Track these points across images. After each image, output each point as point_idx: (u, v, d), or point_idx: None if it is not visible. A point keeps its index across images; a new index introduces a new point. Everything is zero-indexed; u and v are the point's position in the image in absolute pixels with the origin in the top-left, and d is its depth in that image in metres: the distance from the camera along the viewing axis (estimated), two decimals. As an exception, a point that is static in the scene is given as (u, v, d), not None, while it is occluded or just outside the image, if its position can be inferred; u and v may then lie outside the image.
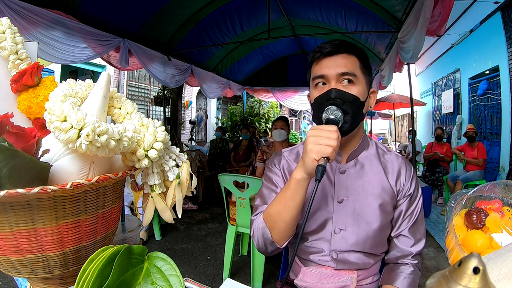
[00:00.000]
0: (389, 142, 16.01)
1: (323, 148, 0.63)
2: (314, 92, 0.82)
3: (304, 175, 0.69)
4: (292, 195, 0.72)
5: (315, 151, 0.64)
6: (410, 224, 0.86)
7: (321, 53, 0.80)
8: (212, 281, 2.37)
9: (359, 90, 0.78)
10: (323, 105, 0.76)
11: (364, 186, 0.85)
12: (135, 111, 0.60)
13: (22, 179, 0.42)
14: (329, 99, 0.76)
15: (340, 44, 0.80)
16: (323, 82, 0.80)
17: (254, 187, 2.15)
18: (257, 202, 0.90)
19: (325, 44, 0.81)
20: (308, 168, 0.66)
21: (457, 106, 6.57)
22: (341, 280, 0.83)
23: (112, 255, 0.43)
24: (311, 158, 0.64)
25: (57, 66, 5.74)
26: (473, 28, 5.50)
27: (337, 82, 0.78)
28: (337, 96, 0.76)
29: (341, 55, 0.79)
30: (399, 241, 0.87)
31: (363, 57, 0.82)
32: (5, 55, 0.58)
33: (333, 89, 0.77)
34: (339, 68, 0.78)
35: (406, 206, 0.86)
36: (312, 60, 0.84)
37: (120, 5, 3.04)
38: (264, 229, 0.79)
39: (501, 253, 0.42)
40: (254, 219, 0.85)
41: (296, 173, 0.70)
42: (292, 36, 4.98)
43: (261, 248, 0.82)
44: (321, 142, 0.64)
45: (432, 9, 2.13)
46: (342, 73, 0.78)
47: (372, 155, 0.89)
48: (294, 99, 7.09)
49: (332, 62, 0.79)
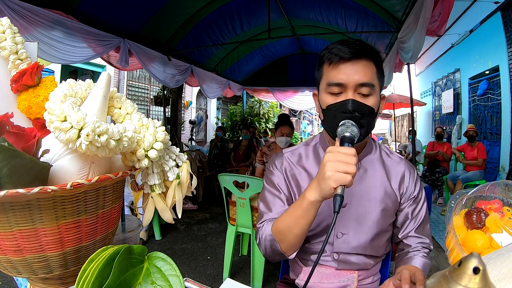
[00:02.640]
0: (389, 142, 16.01)
1: (342, 177, 0.61)
2: (326, 97, 0.77)
3: (319, 199, 0.67)
4: (304, 214, 0.70)
5: (333, 180, 0.61)
6: (416, 225, 0.87)
7: (339, 56, 0.74)
8: (212, 281, 2.37)
9: (375, 101, 0.75)
10: (338, 116, 0.73)
11: (367, 191, 0.84)
12: (135, 111, 0.60)
13: (22, 179, 0.42)
14: (346, 111, 0.72)
15: (361, 48, 0.74)
16: (339, 90, 0.75)
17: (254, 187, 2.15)
18: (262, 208, 0.89)
19: (343, 47, 0.74)
20: (324, 194, 0.64)
21: (457, 106, 6.57)
22: (342, 280, 0.83)
23: (112, 255, 0.43)
24: (329, 186, 0.62)
25: (57, 66, 5.74)
26: (473, 28, 5.50)
27: (354, 92, 0.73)
28: (355, 109, 0.72)
29: (361, 62, 0.74)
30: (407, 241, 0.88)
31: (379, 62, 0.78)
32: (5, 55, 0.58)
33: (350, 100, 0.72)
34: (358, 77, 0.72)
35: (411, 208, 0.87)
36: (328, 62, 0.77)
37: (120, 5, 3.03)
38: (273, 241, 0.78)
39: (501, 253, 0.42)
40: (260, 228, 0.84)
41: (310, 195, 0.68)
42: (292, 36, 4.97)
43: (269, 256, 0.82)
44: (340, 169, 0.61)
45: (432, 9, 2.13)
46: (361, 84, 0.73)
47: (376, 158, 0.89)
48: (294, 99, 7.09)
49: (350, 69, 0.73)
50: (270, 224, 0.81)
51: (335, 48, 0.75)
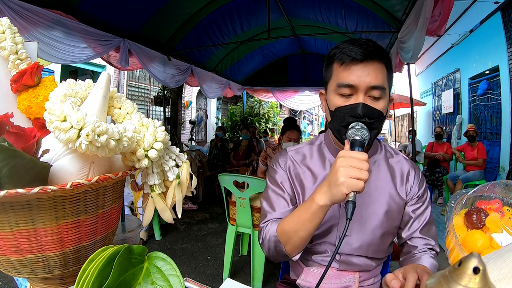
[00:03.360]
0: (389, 142, 16.00)
1: (354, 183, 0.60)
2: (336, 99, 0.75)
3: (328, 203, 0.66)
4: (312, 218, 0.70)
5: (346, 186, 0.60)
6: (421, 226, 0.84)
7: (351, 57, 0.72)
8: (212, 281, 2.37)
9: (384, 105, 0.74)
10: (348, 119, 0.72)
11: (371, 193, 0.83)
12: (135, 111, 0.60)
13: (22, 179, 0.42)
14: (356, 115, 0.71)
15: (373, 50, 0.72)
16: (349, 92, 0.73)
17: (254, 187, 2.15)
18: (265, 207, 0.88)
19: (355, 47, 0.72)
20: (335, 199, 0.64)
21: (457, 106, 6.57)
22: (344, 281, 0.83)
23: (112, 255, 0.43)
24: (341, 192, 0.61)
25: (57, 66, 5.74)
26: (473, 28, 5.50)
27: (365, 95, 0.72)
28: (365, 113, 0.71)
29: (373, 64, 0.72)
30: (412, 243, 0.85)
31: (390, 64, 0.76)
32: (5, 55, 0.58)
33: (361, 104, 0.71)
34: (370, 80, 0.71)
35: (415, 207, 0.85)
36: (339, 62, 0.75)
37: (120, 5, 3.04)
38: (277, 242, 0.77)
39: (501, 253, 0.42)
40: (263, 228, 0.83)
41: (319, 199, 0.67)
42: (292, 36, 4.97)
43: (272, 257, 0.82)
44: (352, 175, 0.60)
45: (432, 9, 2.13)
46: (372, 86, 0.71)
47: (381, 159, 0.88)
48: (294, 99, 7.09)
49: (362, 71, 0.72)
50: (275, 224, 0.80)
51: (346, 48, 0.73)
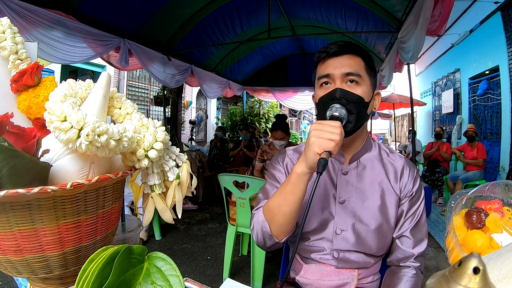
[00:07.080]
0: (389, 142, 16.01)
1: (325, 142, 0.63)
2: (319, 91, 0.82)
3: (305, 169, 0.68)
4: (293, 189, 0.71)
5: (317, 145, 0.64)
6: (412, 225, 0.85)
7: (327, 53, 0.81)
8: (212, 281, 2.37)
9: (363, 91, 0.78)
10: (328, 104, 0.76)
11: (365, 188, 0.85)
12: (135, 111, 0.60)
13: (22, 179, 0.42)
14: (334, 98, 0.76)
15: (346, 45, 0.81)
16: (328, 82, 0.80)
17: (254, 187, 2.15)
18: (260, 197, 0.91)
19: (331, 45, 0.82)
20: (310, 161, 0.65)
21: (457, 106, 6.57)
22: (342, 278, 0.84)
23: (112, 255, 0.43)
24: (314, 152, 0.64)
25: (57, 66, 5.74)
26: (473, 28, 5.50)
27: (342, 82, 0.78)
28: (342, 95, 0.76)
29: (346, 56, 0.80)
30: (401, 243, 0.85)
31: (368, 58, 0.83)
32: (5, 55, 0.58)
33: (338, 88, 0.77)
34: (344, 68, 0.78)
35: (407, 206, 0.86)
36: (318, 60, 0.84)
37: (120, 5, 3.03)
38: (263, 222, 0.78)
39: (501, 253, 0.42)
40: (255, 213, 0.84)
41: (297, 167, 0.70)
42: (292, 36, 4.97)
43: (260, 242, 0.82)
44: (324, 136, 0.64)
45: (432, 9, 2.13)
46: (347, 73, 0.78)
47: (374, 156, 0.89)
48: (294, 99, 7.09)
49: (337, 62, 0.79)
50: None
51: (324, 48, 0.83)
